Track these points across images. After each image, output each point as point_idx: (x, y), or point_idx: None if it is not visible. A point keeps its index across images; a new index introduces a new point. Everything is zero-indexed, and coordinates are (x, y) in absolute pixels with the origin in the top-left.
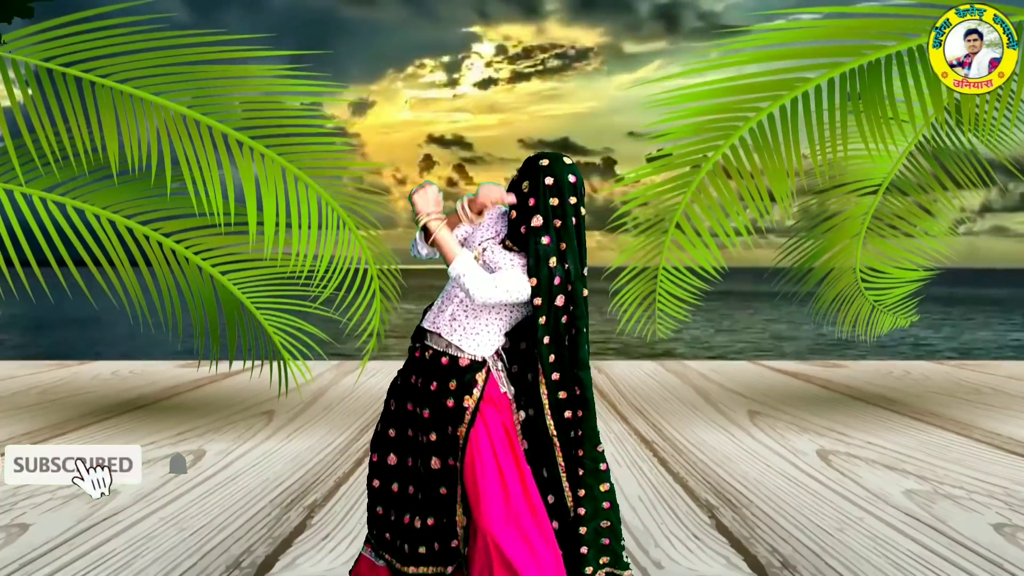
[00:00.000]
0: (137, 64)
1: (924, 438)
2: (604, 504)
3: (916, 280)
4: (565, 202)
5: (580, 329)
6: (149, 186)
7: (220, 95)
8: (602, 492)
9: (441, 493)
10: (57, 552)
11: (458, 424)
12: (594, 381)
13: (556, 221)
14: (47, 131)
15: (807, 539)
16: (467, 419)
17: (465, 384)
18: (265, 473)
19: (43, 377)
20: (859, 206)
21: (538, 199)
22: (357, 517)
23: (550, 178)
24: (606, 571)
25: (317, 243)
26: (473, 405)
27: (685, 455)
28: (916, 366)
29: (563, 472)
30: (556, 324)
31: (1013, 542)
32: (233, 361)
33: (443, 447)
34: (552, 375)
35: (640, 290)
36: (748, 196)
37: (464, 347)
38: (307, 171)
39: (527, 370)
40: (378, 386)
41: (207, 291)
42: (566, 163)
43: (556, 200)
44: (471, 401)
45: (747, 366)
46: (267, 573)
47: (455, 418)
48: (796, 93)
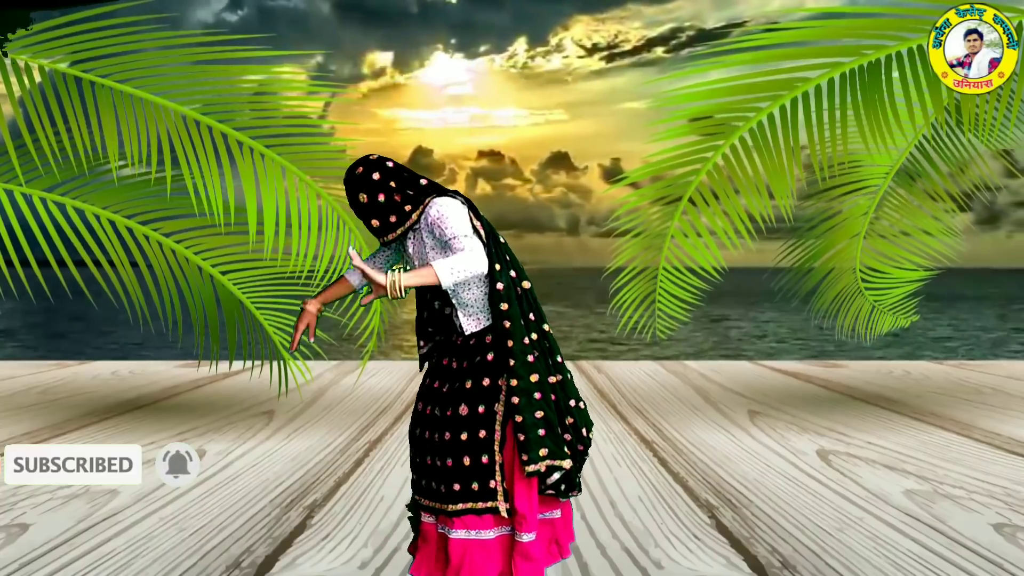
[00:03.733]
0: (137, 64)
1: (924, 438)
2: (536, 394)
3: (916, 280)
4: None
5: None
6: (149, 186)
7: (220, 95)
8: (532, 383)
9: (480, 436)
10: (57, 552)
11: (498, 376)
12: (594, 381)
13: (407, 206)
14: (47, 131)
15: (807, 539)
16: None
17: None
18: (265, 473)
19: (43, 377)
20: (859, 206)
21: (385, 191)
22: (357, 517)
23: (376, 172)
24: (546, 463)
25: (317, 243)
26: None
27: (685, 455)
28: (916, 366)
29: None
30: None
31: (1013, 542)
32: (233, 361)
33: (477, 395)
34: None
35: (640, 290)
36: (748, 196)
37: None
38: (307, 171)
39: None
40: (378, 386)
41: (207, 291)
42: (372, 162)
43: (397, 182)
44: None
45: (747, 366)
46: (267, 573)
47: (496, 369)
48: (796, 93)
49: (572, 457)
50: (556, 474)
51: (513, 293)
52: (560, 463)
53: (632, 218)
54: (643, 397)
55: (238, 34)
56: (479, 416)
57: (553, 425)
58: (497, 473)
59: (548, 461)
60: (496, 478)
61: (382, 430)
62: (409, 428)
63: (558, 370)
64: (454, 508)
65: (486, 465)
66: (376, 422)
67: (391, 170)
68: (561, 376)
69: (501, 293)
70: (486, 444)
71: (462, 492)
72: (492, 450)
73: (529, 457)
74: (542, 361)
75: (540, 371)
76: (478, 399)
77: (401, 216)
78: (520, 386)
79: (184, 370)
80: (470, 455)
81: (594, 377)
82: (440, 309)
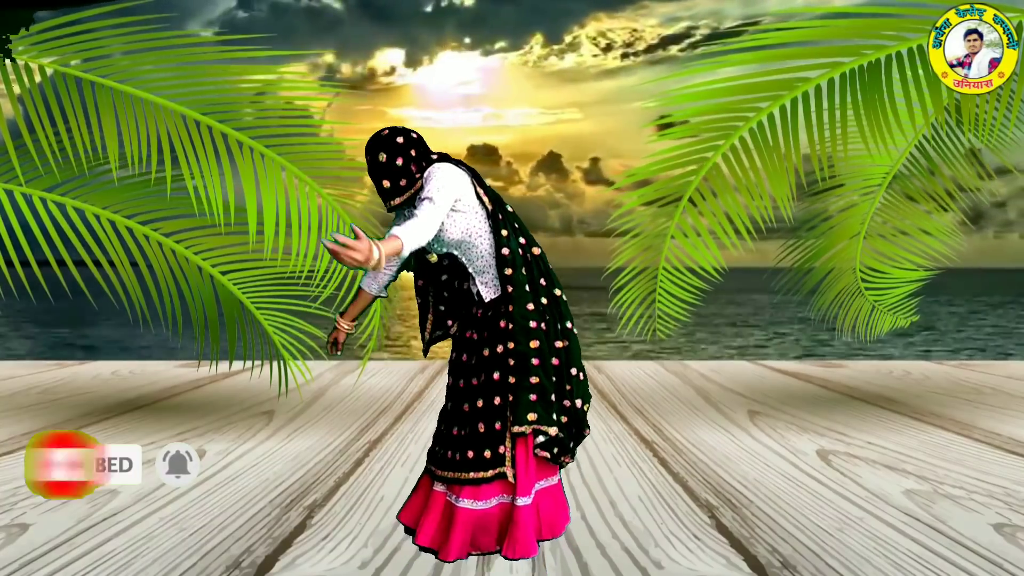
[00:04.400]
0: (137, 64)
1: (924, 438)
2: (533, 360)
3: (916, 280)
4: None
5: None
6: (149, 186)
7: (221, 95)
8: (532, 348)
9: (495, 403)
10: (57, 552)
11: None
12: (594, 381)
13: (418, 174)
14: (47, 131)
15: (807, 539)
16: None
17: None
18: (265, 473)
19: (43, 377)
20: (859, 206)
21: (403, 155)
22: (357, 517)
23: (399, 137)
24: (533, 427)
25: (317, 243)
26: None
27: (685, 455)
28: (916, 366)
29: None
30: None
31: (1013, 542)
32: (233, 361)
33: (493, 362)
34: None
35: (640, 290)
36: (748, 196)
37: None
38: (307, 171)
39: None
40: (378, 386)
41: (207, 291)
42: (397, 128)
43: (414, 151)
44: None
45: (747, 366)
46: (267, 573)
47: (511, 336)
48: (796, 93)
49: (560, 425)
50: (540, 438)
51: (519, 259)
52: (547, 429)
53: (631, 218)
54: (643, 397)
55: (242, 34)
56: (495, 383)
57: (546, 391)
58: (508, 440)
59: (535, 426)
60: (506, 444)
61: (382, 430)
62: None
63: (565, 336)
64: (466, 476)
65: (498, 431)
66: (376, 422)
67: (414, 140)
68: (567, 342)
69: (507, 259)
70: (499, 410)
71: (475, 460)
72: (505, 416)
73: (515, 419)
74: (549, 326)
75: (540, 337)
76: (494, 366)
77: (410, 182)
78: (517, 350)
79: (184, 370)
80: (485, 421)
81: (594, 377)
82: (459, 287)
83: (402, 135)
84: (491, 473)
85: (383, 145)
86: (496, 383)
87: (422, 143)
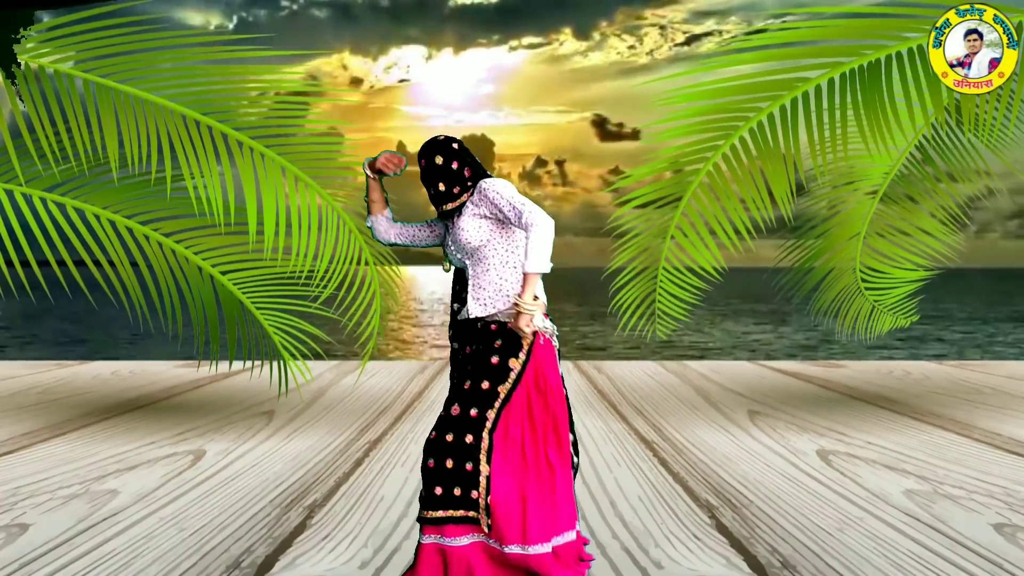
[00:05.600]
0: (137, 64)
1: (924, 438)
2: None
3: (916, 280)
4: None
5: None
6: (149, 186)
7: (221, 95)
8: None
9: (467, 440)
10: (57, 552)
11: (498, 381)
12: (594, 381)
13: (469, 182)
14: (47, 131)
15: (807, 539)
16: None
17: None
18: (265, 473)
19: (43, 377)
20: (859, 206)
21: (459, 160)
22: (357, 517)
23: (455, 144)
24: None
25: (317, 243)
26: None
27: (685, 455)
28: (916, 366)
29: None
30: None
31: (1013, 542)
32: (233, 361)
33: (473, 397)
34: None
35: (640, 290)
36: (748, 196)
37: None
38: (307, 171)
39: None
40: (378, 386)
41: (207, 291)
42: (451, 136)
43: (467, 158)
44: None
45: (747, 366)
46: (267, 573)
47: (497, 374)
48: (796, 93)
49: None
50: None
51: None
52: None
53: (632, 218)
54: (643, 397)
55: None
56: (470, 420)
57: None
58: (482, 485)
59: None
60: (480, 490)
61: (382, 430)
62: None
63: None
64: (433, 515)
65: (469, 473)
66: (376, 422)
67: (466, 147)
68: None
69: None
70: (472, 449)
71: (443, 497)
72: (477, 458)
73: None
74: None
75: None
76: (472, 401)
77: (463, 188)
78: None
79: (184, 370)
80: (454, 458)
81: (594, 377)
82: (462, 288)
83: (456, 142)
84: (460, 514)
85: (440, 149)
86: (472, 420)
87: (471, 152)
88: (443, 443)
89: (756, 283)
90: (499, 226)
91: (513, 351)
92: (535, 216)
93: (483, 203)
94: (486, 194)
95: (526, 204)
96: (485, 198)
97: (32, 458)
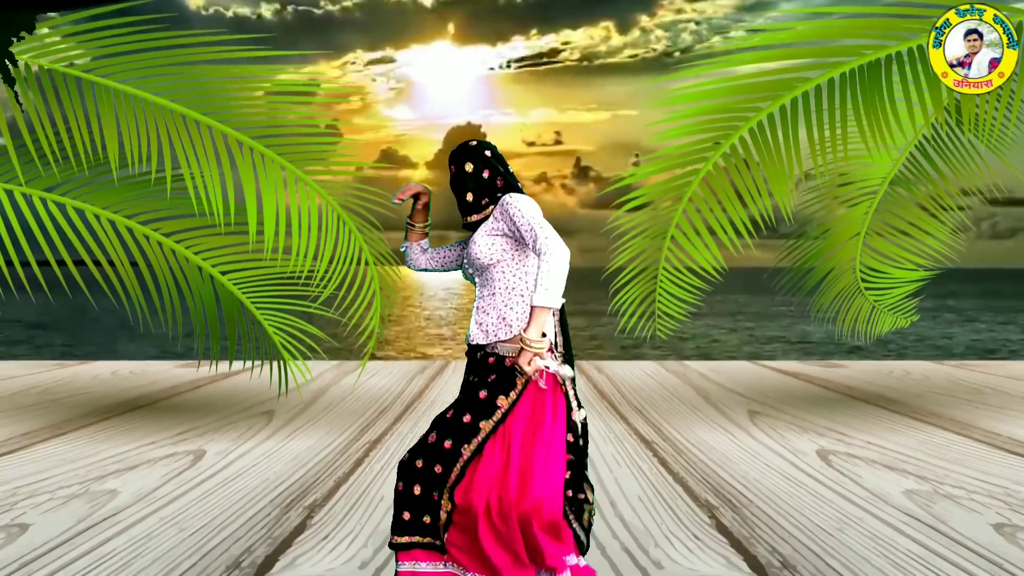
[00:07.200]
0: (137, 64)
1: (924, 438)
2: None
3: (916, 280)
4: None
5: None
6: (149, 186)
7: (220, 95)
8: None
9: (435, 471)
10: (57, 552)
11: (481, 416)
12: (594, 381)
13: (498, 193)
14: (47, 131)
15: (807, 539)
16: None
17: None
18: (265, 473)
19: (43, 377)
20: (859, 206)
21: (491, 169)
22: (357, 517)
23: (488, 151)
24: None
25: (317, 243)
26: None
27: (685, 455)
28: (916, 366)
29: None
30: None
31: (1013, 542)
32: (233, 361)
33: (453, 428)
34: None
35: (640, 290)
36: (748, 196)
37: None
38: (307, 171)
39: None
40: (378, 386)
41: (207, 291)
42: (485, 142)
43: (499, 165)
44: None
45: (747, 366)
46: (267, 573)
47: (482, 410)
48: (796, 93)
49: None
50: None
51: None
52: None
53: (632, 218)
54: (643, 397)
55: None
56: (444, 451)
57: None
58: (442, 519)
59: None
60: (439, 524)
61: (382, 430)
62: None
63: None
64: (399, 540)
65: (435, 502)
66: (376, 422)
67: (499, 155)
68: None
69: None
70: (440, 481)
71: (410, 523)
72: (442, 491)
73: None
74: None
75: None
76: (451, 432)
77: (491, 200)
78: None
79: (184, 370)
80: (423, 486)
81: (594, 377)
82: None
83: (489, 149)
84: (428, 540)
85: (471, 155)
86: (447, 451)
87: (504, 162)
88: (414, 468)
89: (756, 283)
90: (514, 247)
91: (504, 388)
92: (551, 243)
93: (503, 218)
94: (507, 209)
95: (545, 228)
96: (505, 213)
97: (32, 458)
